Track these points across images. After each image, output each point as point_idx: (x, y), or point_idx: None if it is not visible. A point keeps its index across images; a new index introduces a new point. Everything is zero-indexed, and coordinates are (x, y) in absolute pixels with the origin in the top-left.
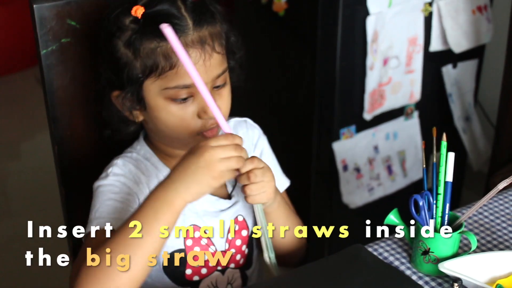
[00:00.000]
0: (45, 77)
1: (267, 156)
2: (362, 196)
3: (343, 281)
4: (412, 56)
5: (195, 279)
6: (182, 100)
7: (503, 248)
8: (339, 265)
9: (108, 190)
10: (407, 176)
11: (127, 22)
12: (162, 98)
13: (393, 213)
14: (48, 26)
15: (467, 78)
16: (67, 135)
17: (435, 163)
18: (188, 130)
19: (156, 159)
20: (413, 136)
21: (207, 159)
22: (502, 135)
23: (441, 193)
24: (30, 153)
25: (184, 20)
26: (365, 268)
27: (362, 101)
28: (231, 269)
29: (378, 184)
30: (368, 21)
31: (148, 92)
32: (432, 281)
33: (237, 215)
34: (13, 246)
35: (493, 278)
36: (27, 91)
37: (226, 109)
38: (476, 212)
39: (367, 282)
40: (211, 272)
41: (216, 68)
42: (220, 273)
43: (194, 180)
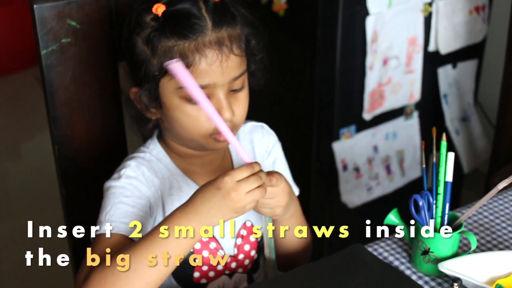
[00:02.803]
0: (45, 77)
1: (280, 163)
2: (361, 195)
3: (343, 281)
4: (412, 56)
5: (202, 282)
6: None
7: (503, 248)
8: (339, 265)
9: (120, 193)
10: (405, 176)
11: (147, 20)
12: (177, 97)
13: (393, 213)
14: (49, 26)
15: (467, 78)
16: (67, 135)
17: (435, 163)
18: (201, 131)
19: (169, 160)
20: (412, 136)
21: (233, 197)
22: (502, 135)
23: (441, 193)
24: (30, 153)
25: (204, 21)
26: (365, 268)
27: (362, 101)
28: (239, 274)
29: (376, 184)
30: (368, 21)
31: (164, 90)
32: (431, 281)
33: (246, 221)
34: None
35: (492, 278)
36: (27, 91)
37: (243, 114)
38: (476, 212)
39: (367, 282)
40: (218, 276)
41: (234, 70)
42: (228, 277)
43: (218, 213)
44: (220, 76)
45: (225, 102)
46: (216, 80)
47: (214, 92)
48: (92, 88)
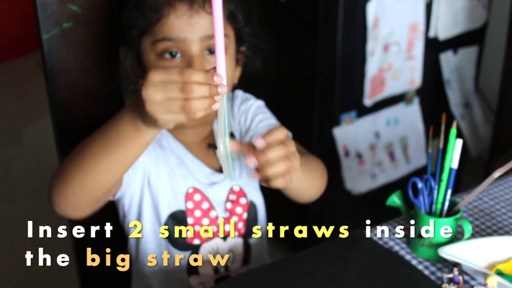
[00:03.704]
0: (46, 62)
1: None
2: (365, 182)
3: (343, 266)
4: (412, 42)
5: (195, 242)
6: (170, 56)
7: (503, 233)
8: (339, 250)
9: None
10: (410, 163)
11: None
12: (154, 54)
13: (396, 195)
14: (50, 10)
15: (468, 64)
16: (68, 120)
17: (441, 148)
18: None
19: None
20: (415, 123)
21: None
22: (502, 121)
23: (444, 179)
24: (32, 138)
25: None
26: (365, 253)
27: (363, 87)
28: (234, 238)
29: (380, 171)
30: (368, 7)
31: (144, 50)
32: (431, 266)
33: (232, 186)
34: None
35: (492, 263)
36: (28, 77)
37: None
38: (476, 198)
39: (366, 267)
40: (212, 238)
41: (206, 28)
42: (222, 240)
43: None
44: (190, 31)
45: (196, 60)
46: (185, 34)
47: (186, 48)
48: (93, 73)
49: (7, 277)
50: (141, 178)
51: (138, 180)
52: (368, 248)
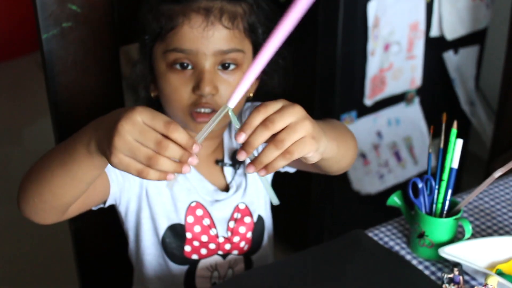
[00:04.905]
0: (46, 62)
1: None
2: (373, 183)
3: (343, 266)
4: (413, 42)
5: (193, 257)
6: (181, 68)
7: (503, 233)
8: (339, 250)
9: None
10: (419, 164)
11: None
12: (164, 64)
13: (396, 195)
14: (50, 10)
15: (468, 64)
16: (68, 120)
17: (441, 148)
18: (181, 104)
19: None
20: (417, 122)
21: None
22: (503, 121)
23: (445, 179)
24: (31, 138)
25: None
26: (365, 253)
27: (363, 86)
28: (233, 255)
29: (388, 171)
30: (369, 6)
31: (155, 58)
32: (432, 266)
33: (238, 204)
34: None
35: (493, 263)
36: (28, 77)
37: (229, 96)
38: (477, 198)
39: (367, 267)
40: (211, 255)
41: (221, 42)
42: (221, 257)
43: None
44: (204, 44)
45: (207, 75)
46: (198, 47)
47: (198, 61)
48: (93, 73)
49: (7, 277)
50: (137, 188)
51: (134, 189)
52: (369, 248)
